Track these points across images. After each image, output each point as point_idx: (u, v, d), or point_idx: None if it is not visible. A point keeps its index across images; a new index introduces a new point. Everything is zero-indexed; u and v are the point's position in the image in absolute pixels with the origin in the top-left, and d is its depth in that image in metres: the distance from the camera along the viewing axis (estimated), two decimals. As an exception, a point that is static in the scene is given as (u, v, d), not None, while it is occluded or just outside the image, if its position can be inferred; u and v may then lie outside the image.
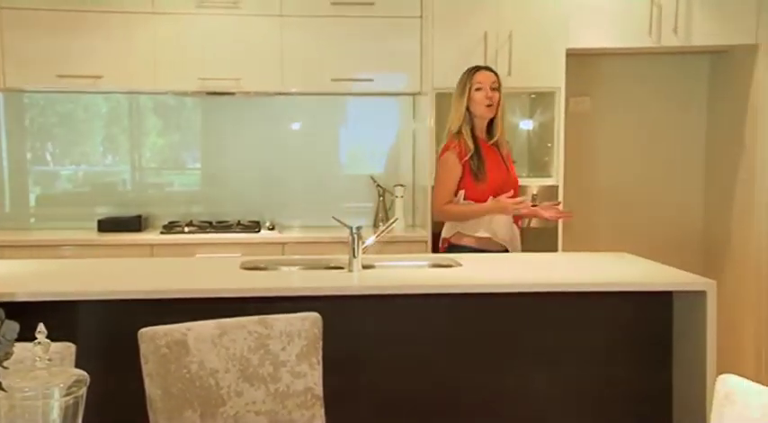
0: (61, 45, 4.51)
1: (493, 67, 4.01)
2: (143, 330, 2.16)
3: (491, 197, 3.78)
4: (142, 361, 2.15)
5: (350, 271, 3.23)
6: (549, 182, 4.66)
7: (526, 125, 5.09)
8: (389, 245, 4.34)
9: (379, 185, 4.96)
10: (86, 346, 2.18)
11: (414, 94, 4.94)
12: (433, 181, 4.13)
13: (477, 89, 3.82)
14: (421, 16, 4.62)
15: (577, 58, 4.76)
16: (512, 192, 3.83)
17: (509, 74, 4.53)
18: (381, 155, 5.15)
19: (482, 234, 3.80)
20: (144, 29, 4.56)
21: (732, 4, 4.58)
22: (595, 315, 3.13)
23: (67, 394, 1.51)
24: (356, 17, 4.61)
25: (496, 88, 3.85)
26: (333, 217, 3.64)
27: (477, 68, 3.92)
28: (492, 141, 3.90)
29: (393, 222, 3.90)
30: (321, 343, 2.34)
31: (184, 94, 4.89)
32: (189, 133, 5.09)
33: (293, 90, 4.76)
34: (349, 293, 2.99)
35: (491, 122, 3.92)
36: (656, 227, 5.03)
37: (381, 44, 4.68)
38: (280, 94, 4.84)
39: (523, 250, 4.62)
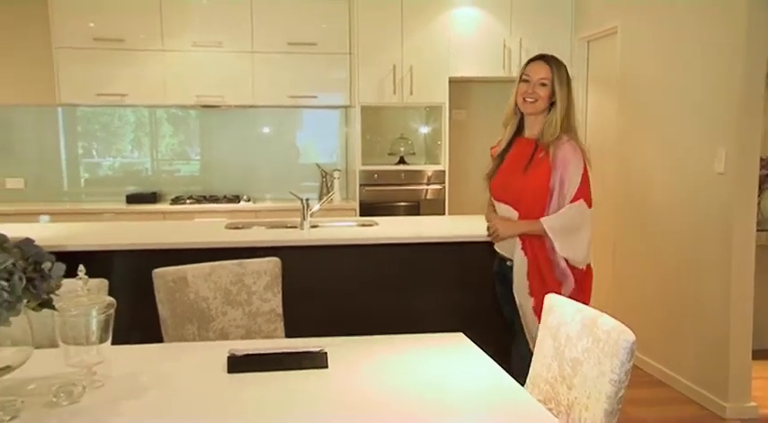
0: (99, 73, 4.41)
1: (556, 58, 2.47)
2: (156, 270, 2.18)
3: (493, 199, 2.60)
4: (156, 292, 2.17)
5: (301, 229, 3.26)
6: (439, 167, 4.72)
7: (424, 129, 5.16)
8: (330, 211, 4.37)
9: (323, 170, 4.97)
10: (118, 283, 2.18)
11: (346, 107, 4.94)
12: None
13: (525, 81, 2.45)
14: (350, 53, 4.62)
15: (457, 83, 4.84)
16: (494, 218, 2.57)
17: (411, 94, 4.59)
18: (324, 149, 5.12)
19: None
20: (156, 61, 4.47)
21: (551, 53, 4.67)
22: (460, 257, 3.08)
23: (101, 313, 1.54)
24: (305, 53, 4.59)
25: (546, 85, 2.41)
26: (290, 192, 3.67)
27: (536, 58, 2.48)
28: (543, 141, 2.41)
29: (330, 195, 3.96)
30: (281, 279, 2.35)
31: (185, 107, 4.82)
32: (191, 135, 5.00)
33: (261, 104, 4.71)
34: (300, 244, 3.00)
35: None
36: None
37: (323, 72, 4.66)
38: (252, 106, 4.79)
39: (423, 214, 4.72)
